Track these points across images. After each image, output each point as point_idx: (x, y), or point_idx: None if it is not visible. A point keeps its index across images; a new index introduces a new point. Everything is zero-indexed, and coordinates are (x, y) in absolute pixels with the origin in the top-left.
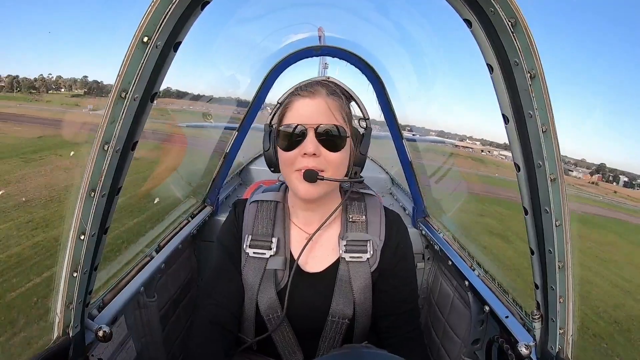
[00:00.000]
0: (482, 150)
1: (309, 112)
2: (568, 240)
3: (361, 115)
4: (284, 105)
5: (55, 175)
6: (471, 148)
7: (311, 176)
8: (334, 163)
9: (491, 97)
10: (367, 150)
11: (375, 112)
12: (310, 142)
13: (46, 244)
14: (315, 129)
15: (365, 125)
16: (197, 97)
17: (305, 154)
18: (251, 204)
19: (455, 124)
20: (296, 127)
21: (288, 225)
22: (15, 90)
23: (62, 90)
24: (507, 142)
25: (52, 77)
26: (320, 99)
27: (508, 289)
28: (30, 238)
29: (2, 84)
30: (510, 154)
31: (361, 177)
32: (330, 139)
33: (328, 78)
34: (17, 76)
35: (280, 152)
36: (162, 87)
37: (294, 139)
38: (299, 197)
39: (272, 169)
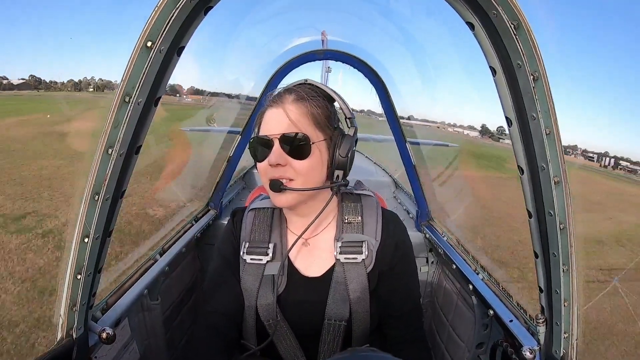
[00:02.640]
0: (438, 127)
1: (274, 122)
2: (572, 243)
3: (347, 115)
4: (259, 116)
5: None
6: (429, 125)
7: (275, 186)
8: (301, 171)
9: (470, 91)
10: (348, 151)
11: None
12: (274, 153)
13: None
14: (280, 139)
15: (349, 125)
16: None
17: (270, 164)
18: (249, 212)
19: (424, 111)
20: (262, 138)
21: (284, 231)
22: (78, 91)
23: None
24: (471, 124)
25: (95, 78)
26: (284, 107)
27: (512, 293)
28: None
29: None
30: (463, 131)
31: (346, 180)
32: (294, 148)
33: (306, 81)
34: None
35: (257, 162)
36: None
37: (262, 150)
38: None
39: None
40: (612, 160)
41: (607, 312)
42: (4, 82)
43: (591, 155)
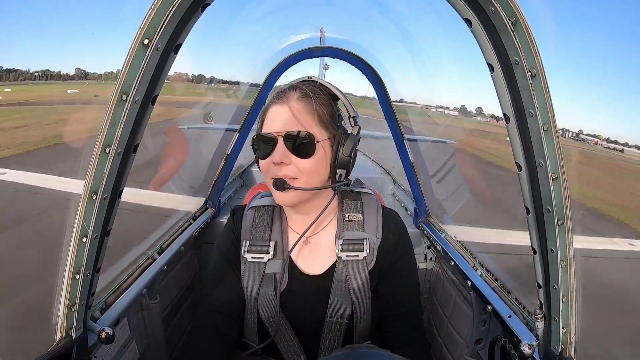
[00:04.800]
0: (422, 108)
1: (279, 120)
2: (570, 239)
3: (351, 114)
4: (262, 112)
5: None
6: (413, 106)
7: (279, 185)
8: (305, 170)
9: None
10: (351, 151)
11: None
12: (278, 151)
13: None
14: (284, 137)
15: (352, 124)
16: None
17: (274, 162)
18: (249, 210)
19: (414, 94)
20: (266, 135)
21: (285, 229)
22: None
23: None
24: (456, 107)
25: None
26: (288, 104)
27: (510, 289)
28: None
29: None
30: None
31: (349, 179)
32: (298, 146)
33: (310, 78)
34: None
35: (259, 159)
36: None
37: (265, 148)
38: (277, 203)
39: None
40: (573, 133)
41: None
42: (62, 73)
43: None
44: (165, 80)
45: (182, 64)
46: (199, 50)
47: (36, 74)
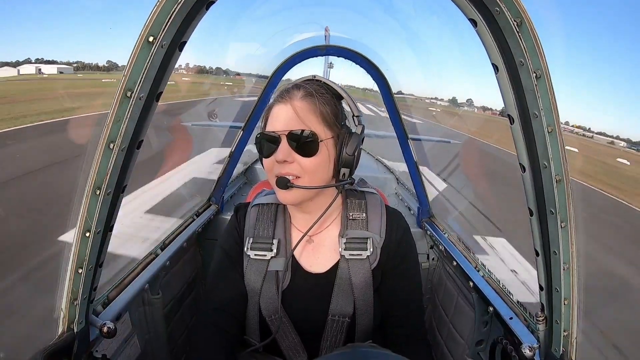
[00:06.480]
0: (415, 99)
1: (282, 118)
2: (573, 241)
3: (355, 113)
4: (266, 111)
5: None
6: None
7: (282, 183)
8: (308, 169)
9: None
10: (355, 150)
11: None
12: (282, 150)
13: None
14: (287, 136)
15: (356, 123)
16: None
17: (277, 161)
18: (252, 208)
19: (414, 89)
20: (270, 134)
21: (289, 227)
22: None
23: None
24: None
25: None
26: (292, 103)
27: (512, 290)
28: None
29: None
30: (437, 102)
31: (352, 178)
32: (301, 145)
33: (314, 77)
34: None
35: (263, 158)
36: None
37: (269, 146)
38: (280, 202)
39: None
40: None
41: None
42: (99, 65)
43: None
44: (183, 73)
45: (190, 58)
46: (208, 44)
47: (74, 65)
